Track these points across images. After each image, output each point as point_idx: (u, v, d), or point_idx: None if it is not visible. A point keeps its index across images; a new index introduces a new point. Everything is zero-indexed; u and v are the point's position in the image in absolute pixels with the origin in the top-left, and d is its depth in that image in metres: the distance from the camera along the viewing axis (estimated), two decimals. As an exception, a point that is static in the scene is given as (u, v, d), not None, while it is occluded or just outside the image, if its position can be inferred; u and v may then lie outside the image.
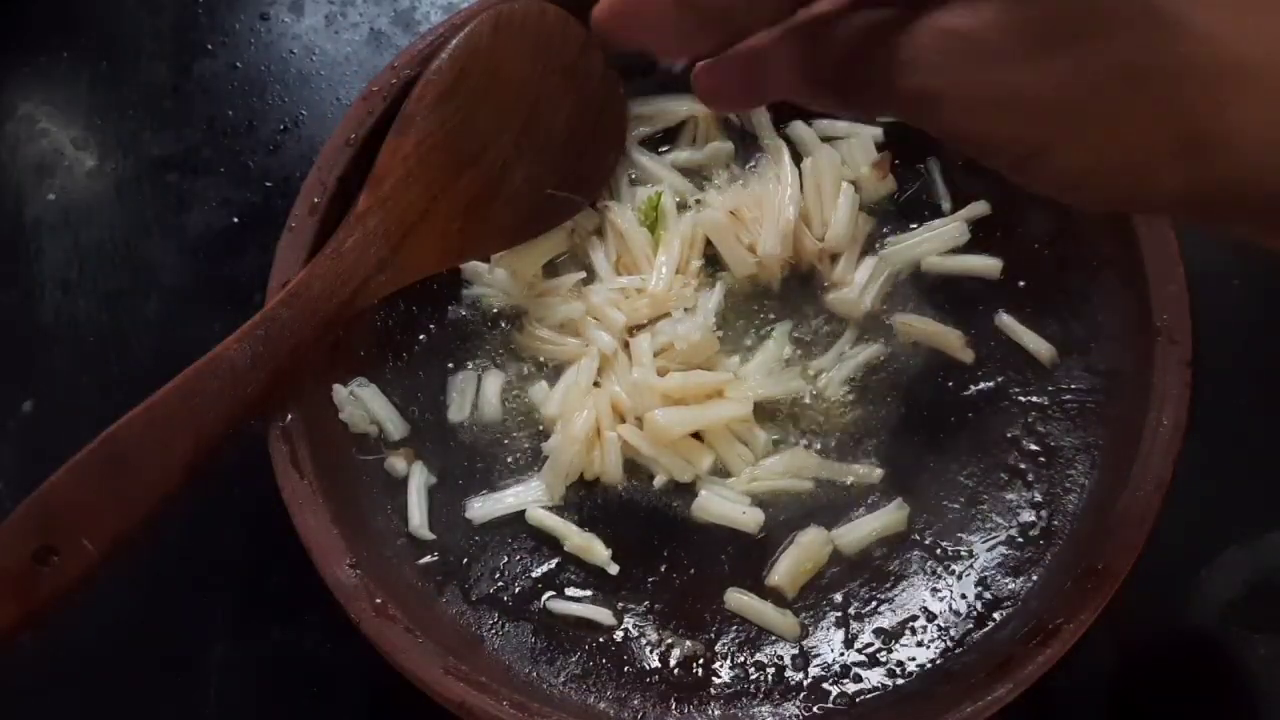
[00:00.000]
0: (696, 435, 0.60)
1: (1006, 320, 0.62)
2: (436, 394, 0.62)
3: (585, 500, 0.60)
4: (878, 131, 0.66)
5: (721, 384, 0.60)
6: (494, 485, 0.61)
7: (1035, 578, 0.58)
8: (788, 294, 0.64)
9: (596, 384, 0.61)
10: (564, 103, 0.58)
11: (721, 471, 0.61)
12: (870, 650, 0.57)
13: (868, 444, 0.61)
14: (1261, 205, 0.31)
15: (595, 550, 0.58)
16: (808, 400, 0.62)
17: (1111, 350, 0.61)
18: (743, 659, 0.57)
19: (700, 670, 0.57)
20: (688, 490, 0.60)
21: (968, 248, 0.64)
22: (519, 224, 0.60)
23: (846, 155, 0.65)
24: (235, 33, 0.76)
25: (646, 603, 0.58)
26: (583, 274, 0.63)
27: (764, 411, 0.61)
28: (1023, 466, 0.60)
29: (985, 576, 0.58)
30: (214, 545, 0.64)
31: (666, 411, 0.59)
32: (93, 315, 0.69)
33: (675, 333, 0.60)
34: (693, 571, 0.59)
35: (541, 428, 0.62)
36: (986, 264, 0.63)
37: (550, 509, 0.60)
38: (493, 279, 0.63)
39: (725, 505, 0.59)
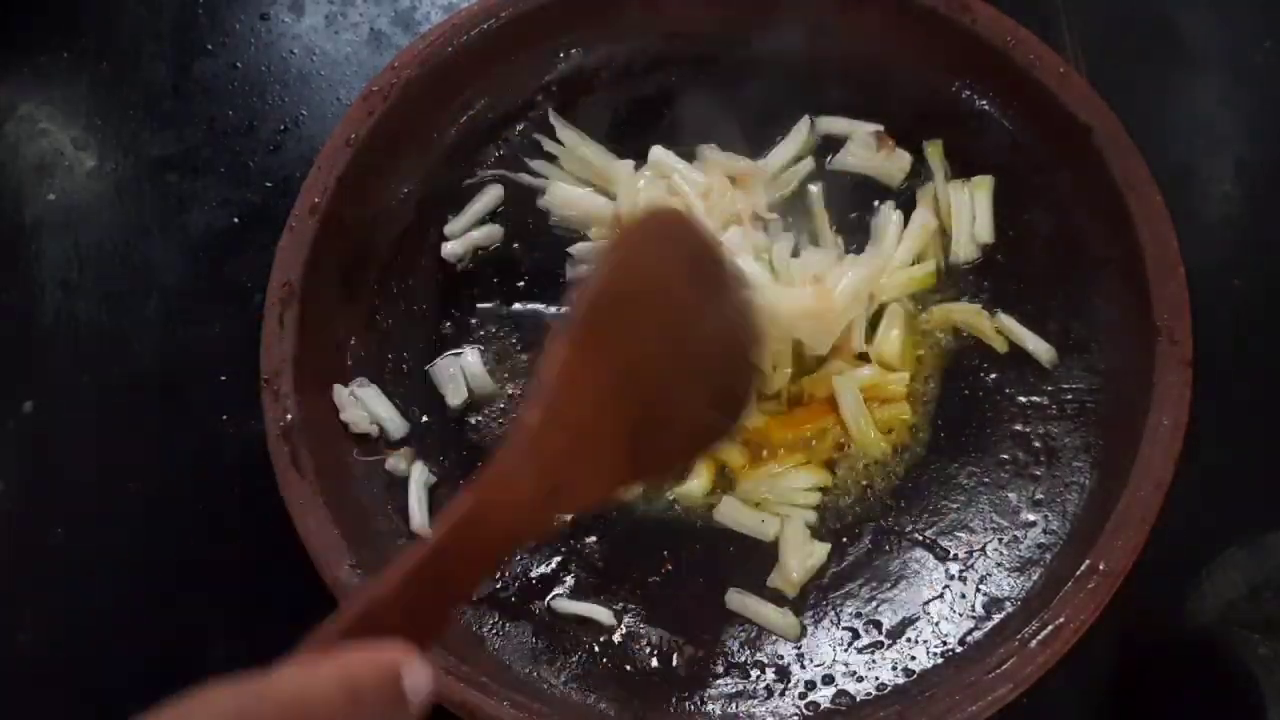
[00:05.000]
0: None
1: (1006, 321, 0.62)
2: (437, 394, 0.62)
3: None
4: (878, 127, 0.65)
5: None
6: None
7: (1035, 577, 0.58)
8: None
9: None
10: (712, 318, 0.52)
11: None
12: (870, 650, 0.57)
13: (868, 444, 0.61)
14: None
15: None
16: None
17: (1111, 350, 0.61)
18: (743, 659, 0.57)
19: (700, 670, 0.57)
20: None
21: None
22: (678, 447, 0.53)
23: (854, 151, 0.65)
24: (235, 33, 0.76)
25: (646, 603, 0.58)
26: None
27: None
28: (1023, 466, 0.60)
29: (986, 576, 0.58)
30: (214, 545, 0.64)
31: None
32: (93, 315, 0.69)
33: None
34: (693, 572, 0.59)
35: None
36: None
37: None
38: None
39: (745, 513, 0.59)
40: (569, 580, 0.59)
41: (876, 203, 0.65)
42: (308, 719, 0.33)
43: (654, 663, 0.57)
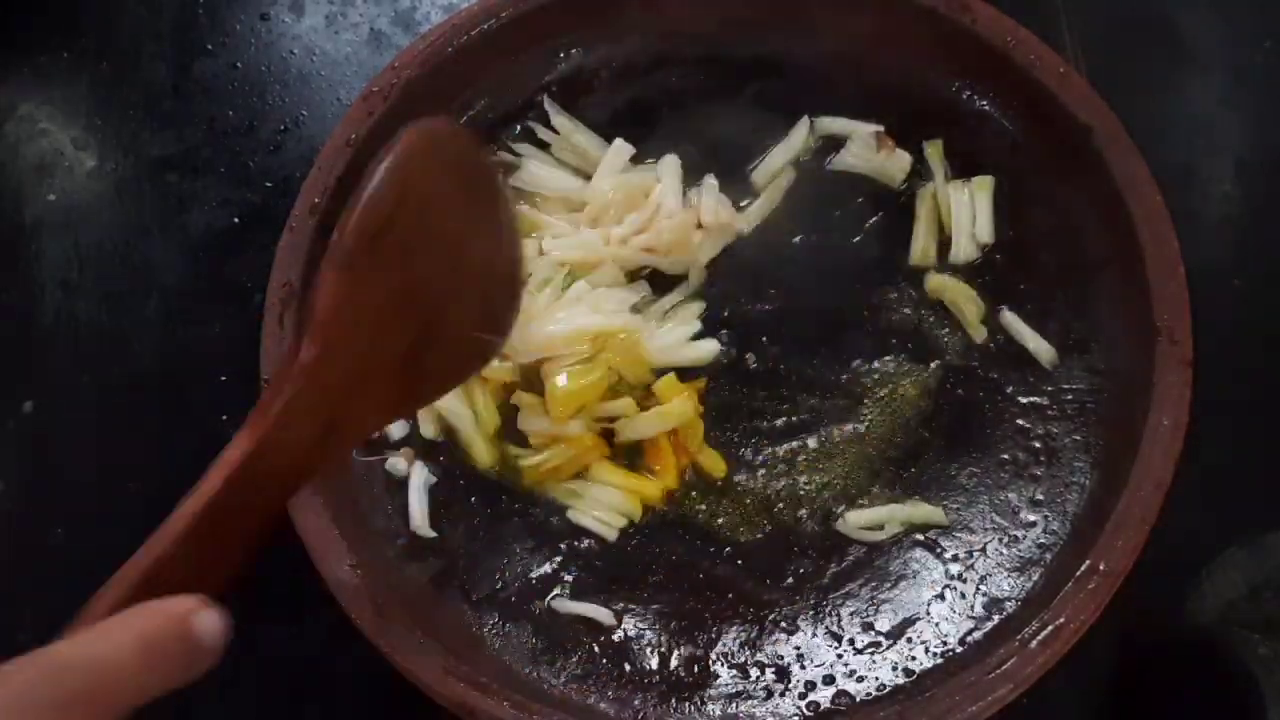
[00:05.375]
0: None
1: (1009, 318, 0.62)
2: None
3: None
4: (878, 127, 0.65)
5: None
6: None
7: (1035, 577, 0.58)
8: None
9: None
10: (482, 234, 0.51)
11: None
12: (870, 650, 0.57)
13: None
14: None
15: None
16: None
17: (1111, 350, 0.61)
18: (743, 659, 0.57)
19: (700, 670, 0.57)
20: (692, 494, 0.60)
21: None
22: (450, 370, 0.52)
23: (854, 151, 0.65)
24: (235, 33, 0.76)
25: (646, 603, 0.58)
26: None
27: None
28: (1023, 466, 0.60)
29: (986, 576, 0.58)
30: (214, 545, 0.64)
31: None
32: (93, 315, 0.69)
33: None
34: (694, 572, 0.59)
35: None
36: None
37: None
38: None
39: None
40: (569, 580, 0.59)
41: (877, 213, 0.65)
42: (107, 681, 0.33)
43: (654, 663, 0.57)
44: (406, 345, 0.47)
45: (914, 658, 0.57)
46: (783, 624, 0.58)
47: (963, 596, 0.58)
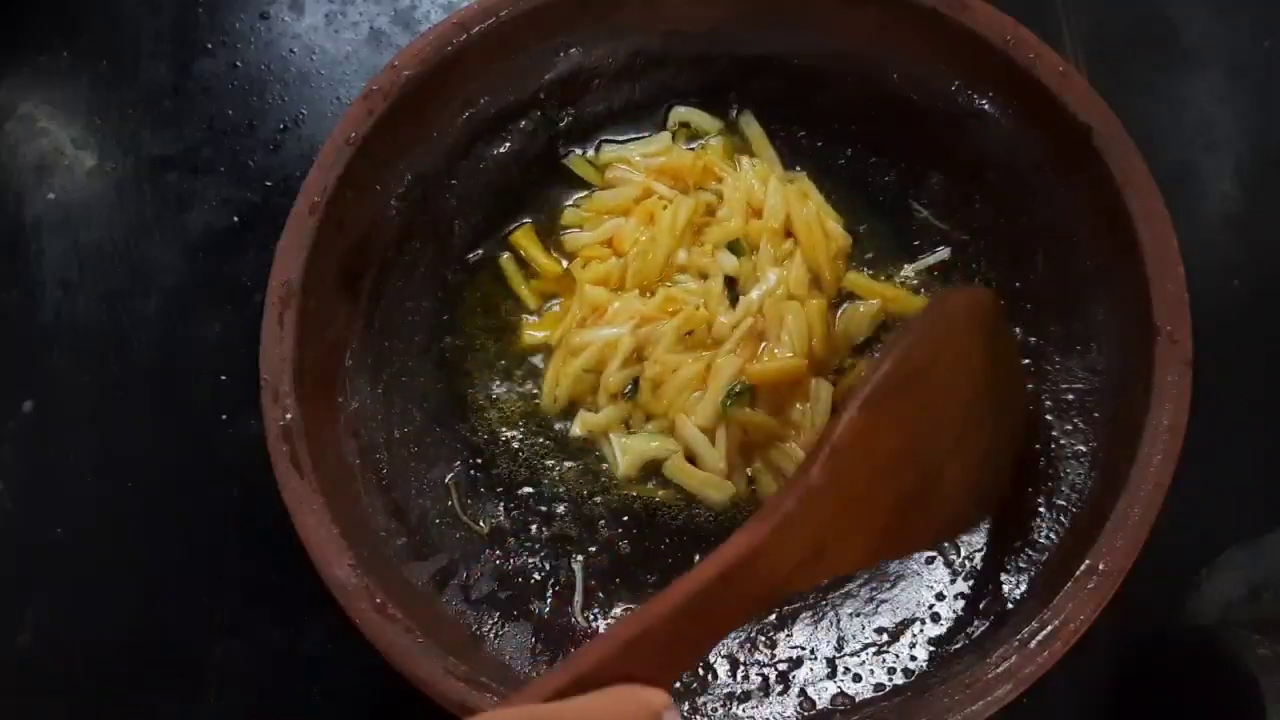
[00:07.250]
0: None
1: None
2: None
3: (590, 503, 0.60)
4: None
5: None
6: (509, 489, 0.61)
7: (1035, 577, 0.58)
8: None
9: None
10: (996, 407, 0.53)
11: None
12: (870, 650, 0.57)
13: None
14: None
15: None
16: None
17: (1111, 350, 0.61)
18: (743, 659, 0.57)
19: (700, 670, 0.57)
20: (691, 494, 0.60)
21: (966, 248, 0.64)
22: (929, 530, 0.54)
23: None
24: (235, 33, 0.76)
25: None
26: None
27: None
28: (1023, 467, 0.60)
29: (985, 576, 0.58)
30: (214, 545, 0.64)
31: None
32: (93, 315, 0.69)
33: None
34: (693, 571, 0.59)
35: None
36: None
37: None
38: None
39: (696, 474, 0.60)
40: (569, 580, 0.59)
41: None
42: None
43: (654, 663, 0.57)
44: (899, 495, 0.48)
45: (914, 658, 0.57)
46: (782, 624, 0.58)
47: (963, 596, 0.58)
